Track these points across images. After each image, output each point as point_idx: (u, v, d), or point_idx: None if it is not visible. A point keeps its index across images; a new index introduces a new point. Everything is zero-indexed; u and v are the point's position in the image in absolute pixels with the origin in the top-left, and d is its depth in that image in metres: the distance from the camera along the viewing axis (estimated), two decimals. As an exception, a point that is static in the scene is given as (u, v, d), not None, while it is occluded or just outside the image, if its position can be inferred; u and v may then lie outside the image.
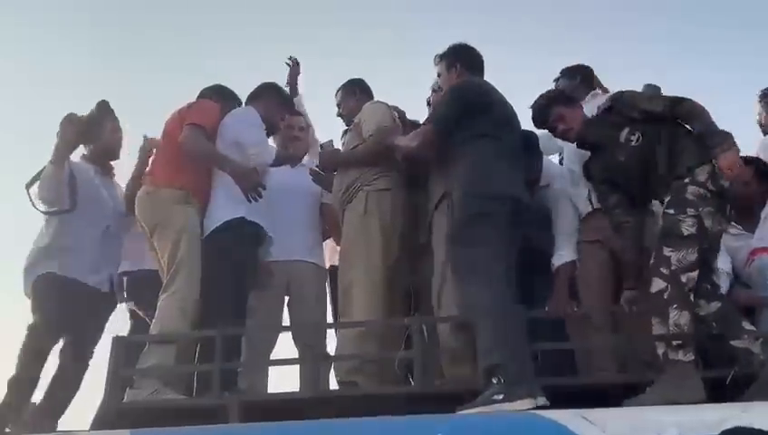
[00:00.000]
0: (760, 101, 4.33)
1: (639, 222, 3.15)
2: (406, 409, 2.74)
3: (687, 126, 3.00)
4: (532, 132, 3.60)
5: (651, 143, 3.01)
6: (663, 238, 2.83)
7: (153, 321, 3.36)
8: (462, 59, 3.51)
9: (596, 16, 10.81)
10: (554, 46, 9.89)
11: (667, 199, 2.90)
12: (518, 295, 3.00)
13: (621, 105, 3.12)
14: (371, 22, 11.17)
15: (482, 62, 3.58)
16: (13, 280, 3.79)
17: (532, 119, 3.40)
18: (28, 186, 3.73)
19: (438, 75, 3.62)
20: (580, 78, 3.99)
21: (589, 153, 3.31)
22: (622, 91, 3.21)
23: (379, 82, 4.22)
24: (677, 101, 3.00)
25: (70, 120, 3.77)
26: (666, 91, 3.44)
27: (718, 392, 2.67)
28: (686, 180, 2.85)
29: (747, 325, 2.88)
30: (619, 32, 10.76)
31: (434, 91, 3.85)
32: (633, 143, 3.04)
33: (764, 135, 4.26)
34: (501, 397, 2.63)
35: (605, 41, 10.13)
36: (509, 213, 3.04)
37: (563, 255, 3.54)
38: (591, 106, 3.49)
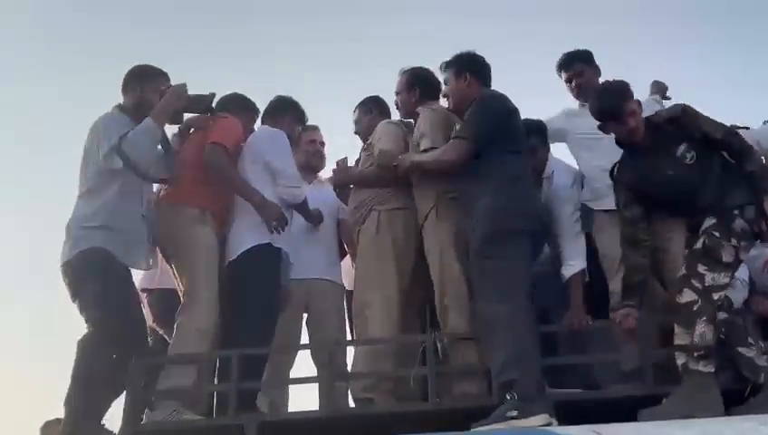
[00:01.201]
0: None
1: (654, 247, 3.19)
2: (421, 426, 2.72)
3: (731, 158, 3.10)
4: (541, 121, 3.71)
5: (703, 166, 3.07)
6: (702, 256, 2.91)
7: (171, 341, 3.41)
8: (471, 68, 3.52)
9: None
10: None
11: (713, 222, 2.96)
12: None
13: (687, 120, 3.12)
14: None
15: (490, 71, 3.59)
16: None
17: (600, 109, 3.24)
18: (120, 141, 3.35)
19: (445, 83, 3.62)
20: None
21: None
22: (686, 106, 3.19)
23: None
24: (734, 133, 3.11)
25: (185, 90, 3.59)
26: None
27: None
28: (736, 212, 2.95)
29: (753, 339, 2.93)
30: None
31: (444, 96, 3.75)
32: (687, 161, 3.08)
33: None
34: (515, 413, 2.64)
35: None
36: (534, 230, 3.16)
37: (573, 265, 3.49)
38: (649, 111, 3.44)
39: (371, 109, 4.09)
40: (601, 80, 3.76)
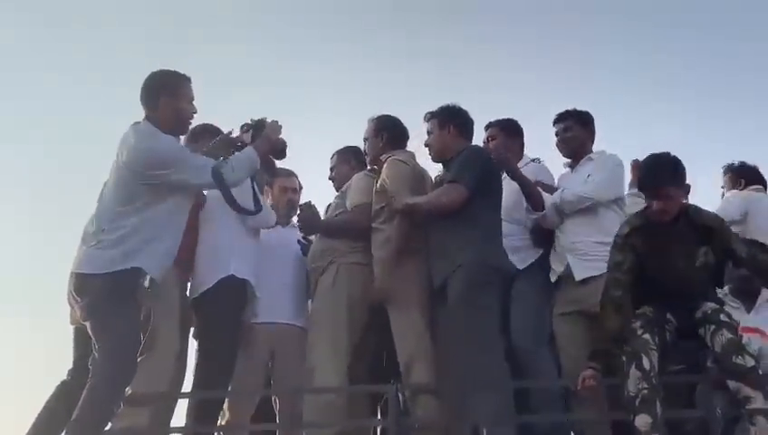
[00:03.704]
0: (724, 175, 4.68)
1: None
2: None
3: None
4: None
5: (707, 270, 3.21)
6: (732, 327, 3.04)
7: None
8: (456, 120, 3.63)
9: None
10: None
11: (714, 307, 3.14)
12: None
13: (720, 233, 3.24)
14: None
15: (473, 124, 3.72)
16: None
17: (643, 177, 3.28)
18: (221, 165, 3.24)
19: (429, 133, 3.71)
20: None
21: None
22: (725, 223, 3.37)
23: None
24: (759, 254, 3.25)
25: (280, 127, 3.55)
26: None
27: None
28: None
29: None
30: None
31: (426, 145, 3.83)
32: (697, 263, 3.18)
33: None
34: None
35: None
36: (505, 283, 3.34)
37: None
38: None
39: (350, 159, 4.16)
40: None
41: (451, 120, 3.61)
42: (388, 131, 3.84)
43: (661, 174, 3.19)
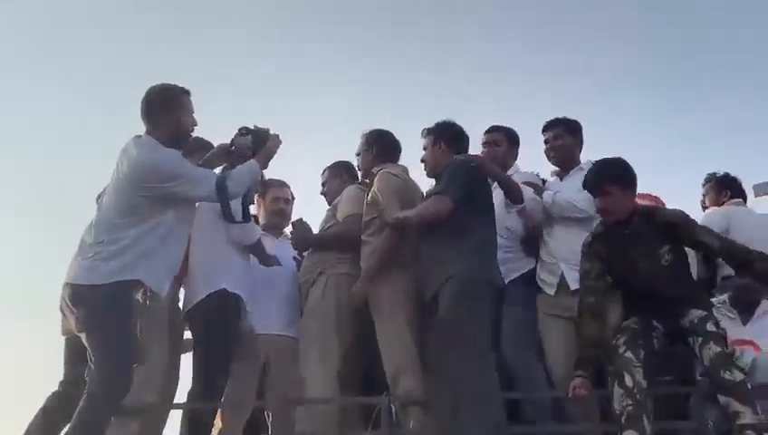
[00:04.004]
0: (705, 184, 4.66)
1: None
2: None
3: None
4: None
5: (675, 270, 3.21)
6: (720, 339, 3.03)
7: None
8: (447, 137, 3.67)
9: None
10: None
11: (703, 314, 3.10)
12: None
13: (684, 228, 3.26)
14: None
15: (468, 141, 3.75)
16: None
17: (587, 177, 3.38)
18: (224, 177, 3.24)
19: (424, 148, 3.75)
20: None
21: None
22: (687, 216, 3.32)
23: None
24: (732, 245, 3.28)
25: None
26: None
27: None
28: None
29: None
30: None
31: (421, 161, 3.84)
32: (662, 262, 3.20)
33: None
34: None
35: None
36: (496, 296, 3.31)
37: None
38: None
39: (342, 174, 4.20)
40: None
41: (442, 137, 3.65)
42: (379, 145, 3.88)
43: (603, 173, 3.32)
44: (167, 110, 3.29)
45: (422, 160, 3.75)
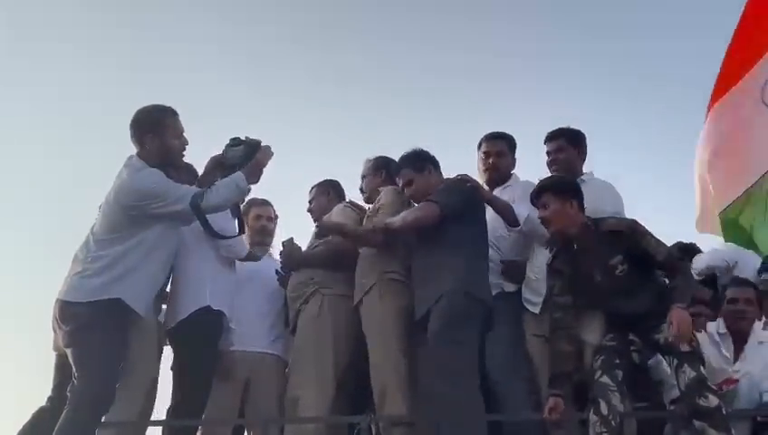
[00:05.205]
0: None
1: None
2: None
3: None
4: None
5: (631, 281, 3.24)
6: (696, 361, 3.06)
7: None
8: (431, 161, 3.77)
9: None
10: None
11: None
12: None
13: (631, 237, 3.26)
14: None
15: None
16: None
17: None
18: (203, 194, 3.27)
19: (409, 181, 3.75)
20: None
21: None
22: (636, 224, 3.33)
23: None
24: (677, 262, 3.34)
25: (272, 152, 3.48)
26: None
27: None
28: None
29: None
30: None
31: (411, 195, 3.84)
32: (617, 272, 3.24)
33: None
34: None
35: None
36: (487, 315, 3.33)
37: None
38: None
39: (329, 191, 4.26)
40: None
41: (428, 162, 3.74)
42: (387, 170, 3.96)
43: (541, 185, 3.42)
44: (152, 132, 3.36)
45: (411, 195, 3.72)
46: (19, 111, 10.22)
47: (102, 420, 3.15)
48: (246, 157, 3.38)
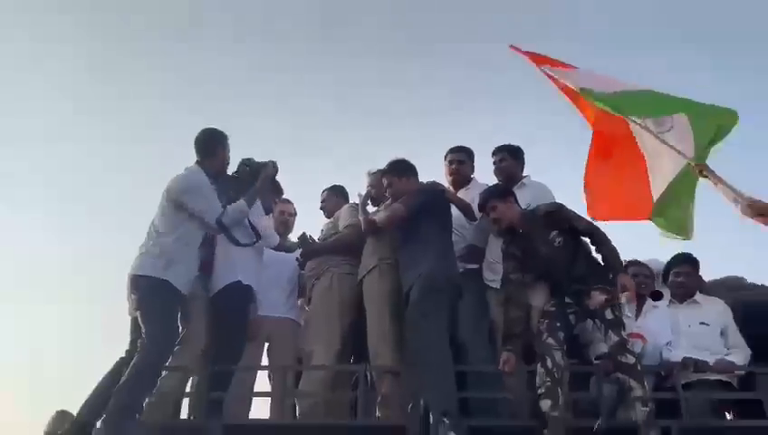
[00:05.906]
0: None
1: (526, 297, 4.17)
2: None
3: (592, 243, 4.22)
4: None
5: (568, 249, 4.15)
6: (617, 326, 3.87)
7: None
8: (412, 169, 4.77)
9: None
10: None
11: (604, 297, 3.93)
12: None
13: (559, 216, 4.22)
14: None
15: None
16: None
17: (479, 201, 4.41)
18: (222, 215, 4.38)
19: (389, 185, 4.75)
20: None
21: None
22: (562, 205, 4.31)
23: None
24: (594, 227, 4.23)
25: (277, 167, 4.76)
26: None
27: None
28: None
29: None
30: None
31: (392, 195, 4.83)
32: (556, 244, 4.15)
33: None
34: (452, 433, 3.59)
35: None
36: (455, 291, 4.27)
37: None
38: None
39: (338, 194, 5.40)
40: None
41: (408, 171, 4.71)
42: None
43: (486, 194, 4.37)
44: (222, 147, 4.55)
45: (391, 194, 4.68)
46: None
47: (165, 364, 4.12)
48: (253, 175, 4.60)
